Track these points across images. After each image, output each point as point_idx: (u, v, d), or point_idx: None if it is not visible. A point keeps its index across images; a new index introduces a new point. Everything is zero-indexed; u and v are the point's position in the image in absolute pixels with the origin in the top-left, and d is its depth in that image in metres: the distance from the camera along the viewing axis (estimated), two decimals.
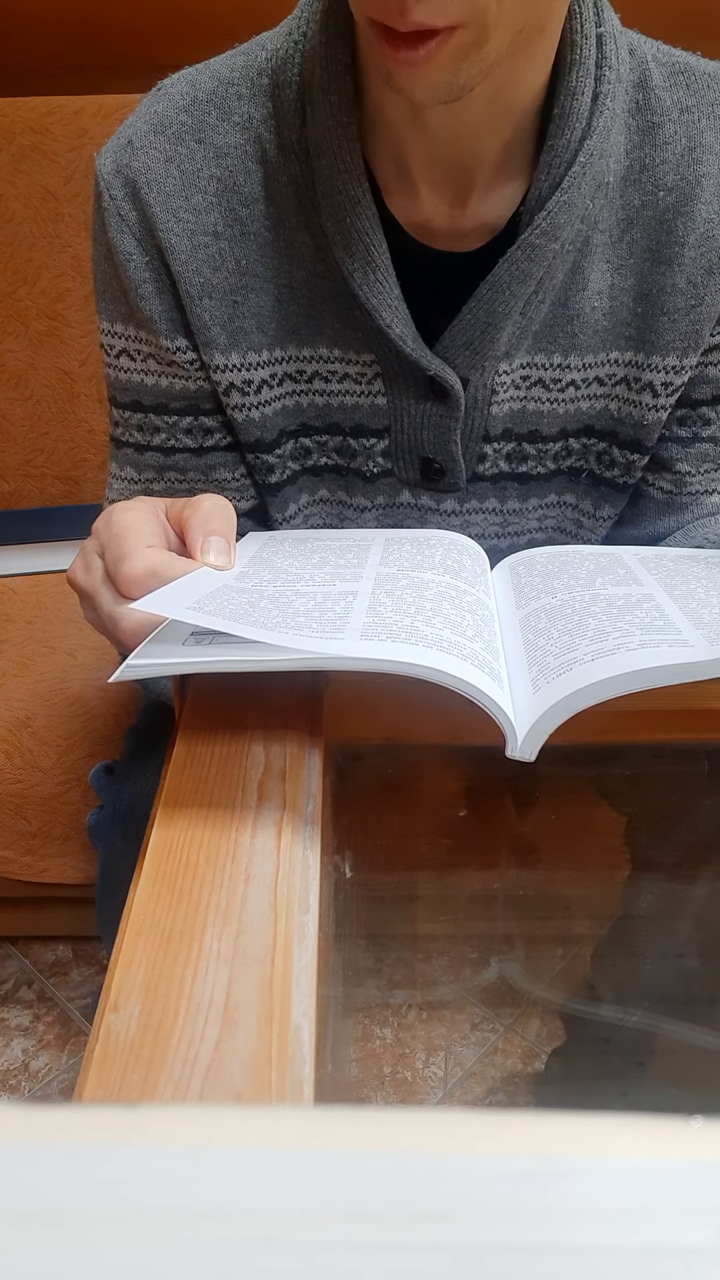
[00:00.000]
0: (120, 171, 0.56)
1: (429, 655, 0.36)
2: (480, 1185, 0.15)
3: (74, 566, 0.45)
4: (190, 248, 0.56)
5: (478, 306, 0.55)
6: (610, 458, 0.64)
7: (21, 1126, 0.16)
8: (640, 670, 0.37)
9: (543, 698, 0.38)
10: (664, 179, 0.55)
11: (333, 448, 0.64)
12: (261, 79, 0.55)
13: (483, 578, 0.50)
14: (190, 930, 0.29)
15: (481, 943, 0.86)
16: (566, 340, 0.59)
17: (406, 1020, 1.10)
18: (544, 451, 0.64)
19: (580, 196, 0.53)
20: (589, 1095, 0.83)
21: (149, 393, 0.62)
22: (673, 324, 0.58)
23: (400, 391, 0.60)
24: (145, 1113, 0.16)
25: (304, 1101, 0.24)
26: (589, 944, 0.80)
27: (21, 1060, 1.10)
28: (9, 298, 1.13)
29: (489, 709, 0.36)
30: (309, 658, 0.36)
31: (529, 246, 0.53)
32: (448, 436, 0.61)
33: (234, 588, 0.42)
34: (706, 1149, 0.16)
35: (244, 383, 0.60)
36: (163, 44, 1.12)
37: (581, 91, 0.51)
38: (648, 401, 0.61)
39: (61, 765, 0.95)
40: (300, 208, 0.56)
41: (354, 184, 0.53)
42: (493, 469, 0.64)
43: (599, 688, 0.37)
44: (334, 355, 0.60)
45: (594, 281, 0.57)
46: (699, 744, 0.50)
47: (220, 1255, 0.14)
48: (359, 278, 0.55)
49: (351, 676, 0.43)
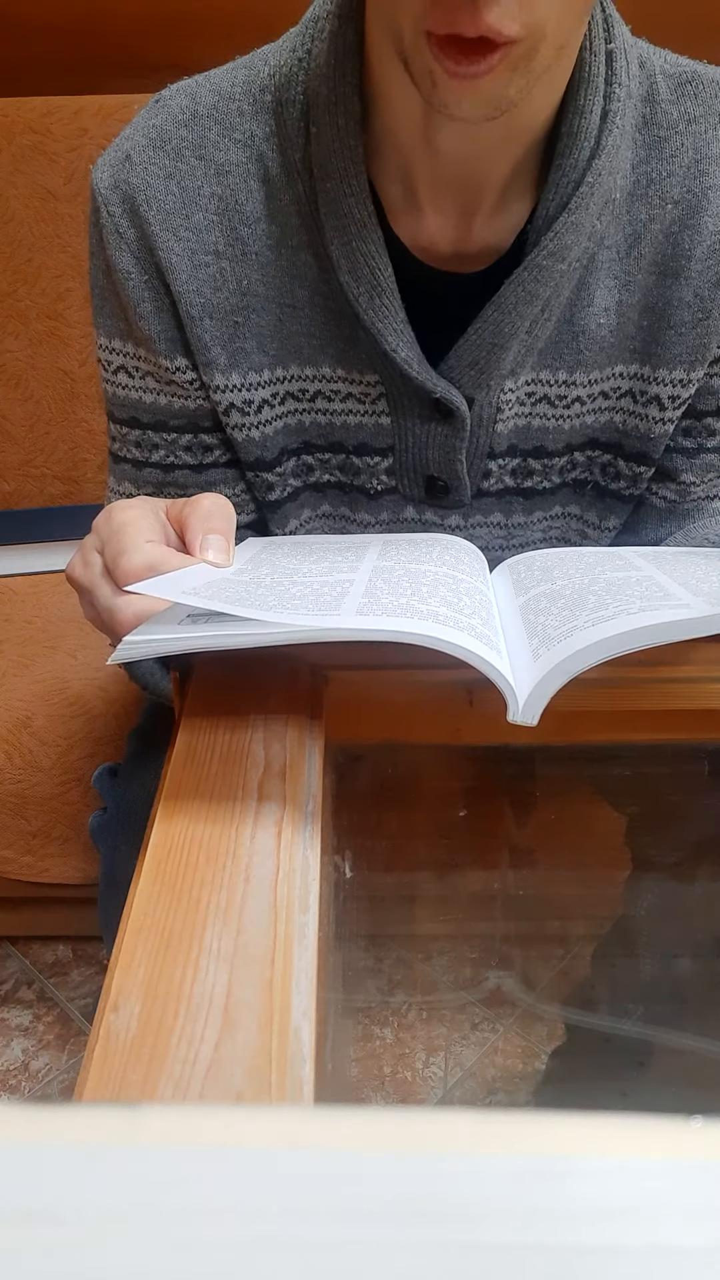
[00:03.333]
0: (118, 187, 0.55)
1: (425, 625, 0.36)
2: (480, 1185, 0.15)
3: (73, 563, 0.45)
4: (191, 267, 0.55)
5: (483, 327, 0.55)
6: (615, 469, 0.64)
7: (21, 1126, 0.16)
8: (641, 628, 0.37)
9: (544, 662, 0.38)
10: (670, 192, 0.54)
11: (335, 465, 0.64)
12: (264, 95, 0.54)
13: (481, 574, 0.50)
14: (190, 930, 0.29)
15: (481, 943, 0.86)
16: (572, 357, 0.58)
17: (406, 1020, 1.10)
18: (549, 466, 0.64)
19: (588, 216, 0.52)
20: (589, 1095, 0.83)
21: (147, 410, 0.62)
22: (680, 338, 0.57)
23: (404, 412, 0.60)
24: (145, 1113, 0.16)
25: (304, 1101, 0.24)
26: (589, 944, 0.80)
27: (21, 1060, 1.10)
28: (9, 298, 1.13)
29: (486, 672, 0.36)
30: (305, 631, 0.36)
31: (536, 268, 0.53)
32: (453, 456, 0.61)
33: (232, 580, 0.42)
34: (706, 1149, 0.16)
35: (244, 403, 0.59)
36: (163, 44, 1.12)
37: (590, 110, 0.50)
38: (654, 415, 0.60)
39: (61, 765, 0.95)
40: (303, 227, 0.55)
41: (359, 207, 0.52)
42: (497, 484, 0.64)
43: (600, 646, 0.37)
44: (337, 375, 0.59)
45: (600, 298, 0.56)
46: (699, 744, 0.50)
47: (220, 1255, 0.14)
48: (364, 302, 0.54)
49: (351, 676, 0.44)
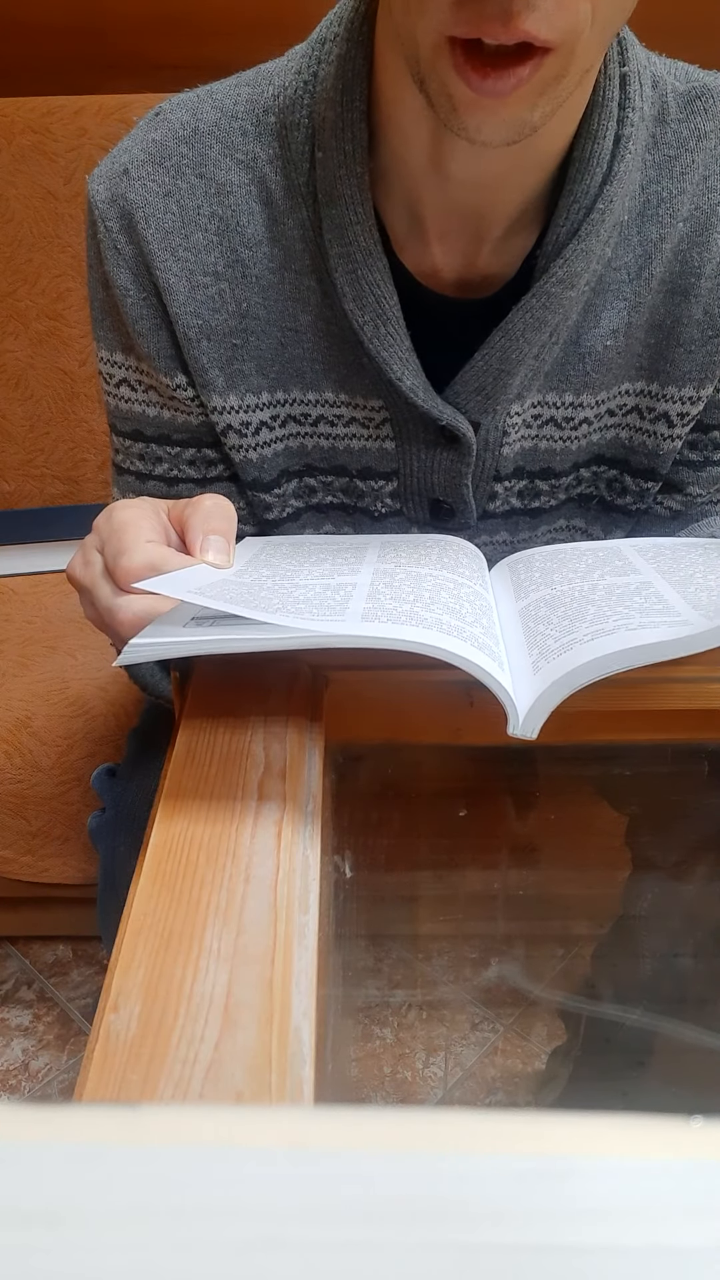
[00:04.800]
0: (115, 202, 0.54)
1: (429, 635, 0.36)
2: (480, 1185, 0.15)
3: (73, 562, 0.45)
4: (189, 288, 0.55)
5: (491, 354, 0.54)
6: (622, 485, 0.63)
7: (21, 1126, 0.16)
8: (642, 646, 0.37)
9: (544, 676, 0.38)
10: (680, 209, 0.53)
11: (339, 488, 0.63)
12: (268, 117, 0.53)
13: (480, 574, 0.50)
14: (190, 930, 0.29)
15: (481, 943, 0.86)
16: (579, 379, 0.57)
17: (406, 1020, 1.10)
18: (556, 486, 0.63)
19: (598, 242, 0.52)
20: (589, 1095, 0.83)
21: (151, 423, 0.61)
22: (689, 355, 0.57)
23: (409, 437, 0.59)
24: (145, 1113, 0.16)
25: (304, 1101, 0.24)
26: (589, 944, 0.80)
27: (21, 1060, 1.10)
28: (9, 298, 1.13)
29: (489, 685, 0.37)
30: (311, 636, 0.36)
31: (545, 295, 0.52)
32: (458, 480, 0.60)
33: (234, 582, 0.42)
34: (706, 1149, 0.16)
35: (242, 424, 0.59)
36: (163, 44, 1.12)
37: (604, 135, 0.50)
38: (663, 431, 0.60)
39: (61, 765, 0.95)
40: (307, 252, 0.54)
41: (365, 235, 0.51)
42: (504, 506, 0.63)
43: (601, 663, 0.37)
44: (340, 400, 0.59)
45: (607, 320, 0.56)
46: (699, 744, 0.50)
47: (220, 1255, 0.14)
48: (369, 330, 0.54)
49: (351, 676, 0.44)
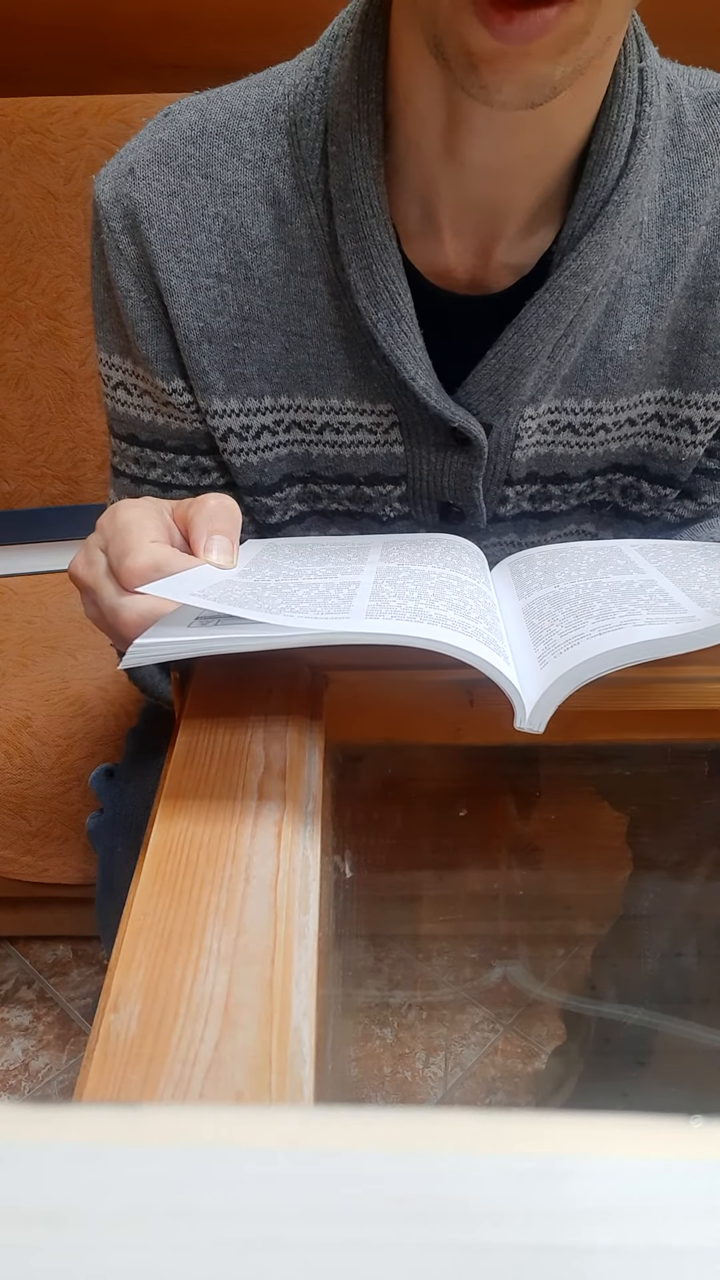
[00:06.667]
0: (119, 201, 0.54)
1: (435, 630, 0.36)
2: (480, 1185, 0.15)
3: (76, 561, 0.45)
4: (190, 290, 0.54)
5: (503, 351, 0.53)
6: (638, 491, 0.63)
7: (21, 1126, 0.16)
8: (650, 640, 0.37)
9: (550, 671, 0.38)
10: (703, 213, 0.53)
11: (345, 496, 0.63)
12: (278, 115, 0.52)
13: (482, 573, 0.50)
14: (190, 930, 0.29)
15: (482, 943, 0.86)
16: (599, 384, 0.57)
17: (406, 1020, 1.10)
18: (569, 491, 0.63)
19: (614, 237, 0.51)
20: (589, 1095, 0.83)
21: (145, 428, 0.61)
22: (714, 361, 0.56)
23: (419, 440, 0.58)
24: (145, 1113, 0.16)
25: (304, 1101, 0.24)
26: (589, 944, 0.80)
27: (21, 1060, 1.10)
28: (9, 298, 1.13)
29: (496, 679, 0.37)
30: (317, 634, 0.36)
31: (559, 289, 0.51)
32: (469, 483, 0.59)
33: (237, 582, 0.42)
34: (706, 1149, 0.16)
35: (243, 428, 0.58)
36: (163, 44, 1.12)
37: (622, 127, 0.49)
38: (685, 438, 0.59)
39: (61, 765, 0.95)
40: (315, 252, 0.53)
41: (380, 230, 0.51)
42: (514, 510, 0.63)
43: (609, 657, 0.37)
44: (346, 406, 0.58)
45: (628, 325, 0.55)
46: (699, 744, 0.50)
47: (220, 1255, 0.14)
48: (383, 328, 0.53)
49: (351, 676, 0.44)
